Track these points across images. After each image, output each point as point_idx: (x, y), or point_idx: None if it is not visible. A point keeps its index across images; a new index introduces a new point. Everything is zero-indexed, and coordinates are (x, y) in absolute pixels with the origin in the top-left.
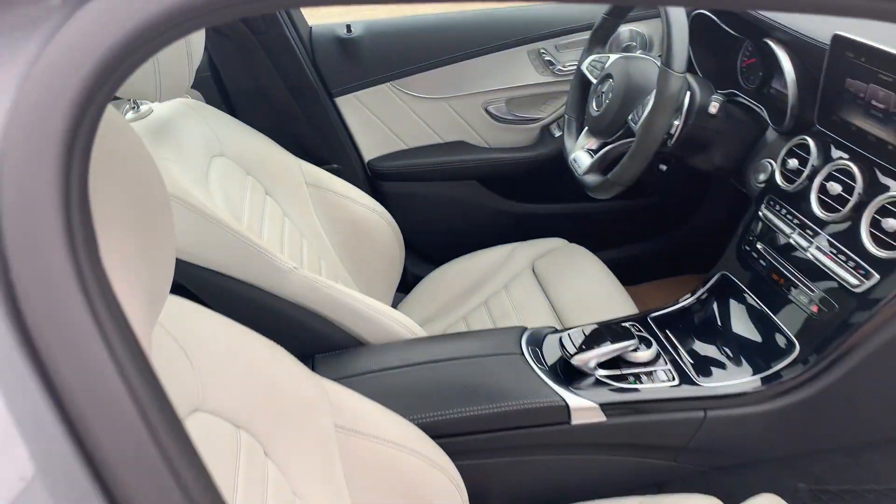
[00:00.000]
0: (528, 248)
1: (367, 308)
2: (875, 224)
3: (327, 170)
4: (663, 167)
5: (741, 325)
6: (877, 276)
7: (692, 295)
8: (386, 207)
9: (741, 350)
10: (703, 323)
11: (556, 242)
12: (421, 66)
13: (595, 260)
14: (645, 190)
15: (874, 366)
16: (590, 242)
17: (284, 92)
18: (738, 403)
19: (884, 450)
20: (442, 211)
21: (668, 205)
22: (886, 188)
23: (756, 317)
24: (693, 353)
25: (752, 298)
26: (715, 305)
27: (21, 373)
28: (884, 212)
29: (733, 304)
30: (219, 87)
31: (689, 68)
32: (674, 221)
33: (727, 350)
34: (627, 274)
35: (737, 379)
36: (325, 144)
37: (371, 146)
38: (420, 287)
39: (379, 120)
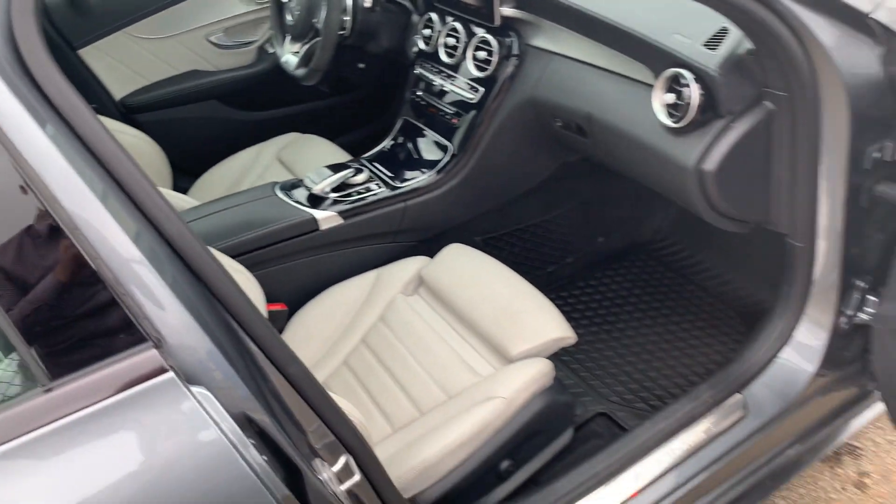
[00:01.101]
0: (272, 145)
1: None
2: (474, 57)
3: None
4: (361, 65)
5: (422, 146)
6: (483, 90)
7: (388, 138)
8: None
9: (423, 161)
10: (398, 153)
11: (293, 136)
12: (145, 13)
13: (326, 142)
14: (353, 86)
15: (492, 149)
16: (320, 133)
17: None
18: (424, 192)
19: (516, 203)
20: (193, 130)
21: (372, 95)
22: (475, 34)
23: (429, 139)
24: (393, 170)
25: (425, 129)
26: (404, 140)
27: (31, 100)
28: (477, 48)
29: (415, 135)
30: None
31: None
32: (379, 108)
33: (414, 163)
34: (353, 153)
35: (421, 177)
36: (79, 91)
37: (119, 86)
38: (189, 195)
39: (120, 63)
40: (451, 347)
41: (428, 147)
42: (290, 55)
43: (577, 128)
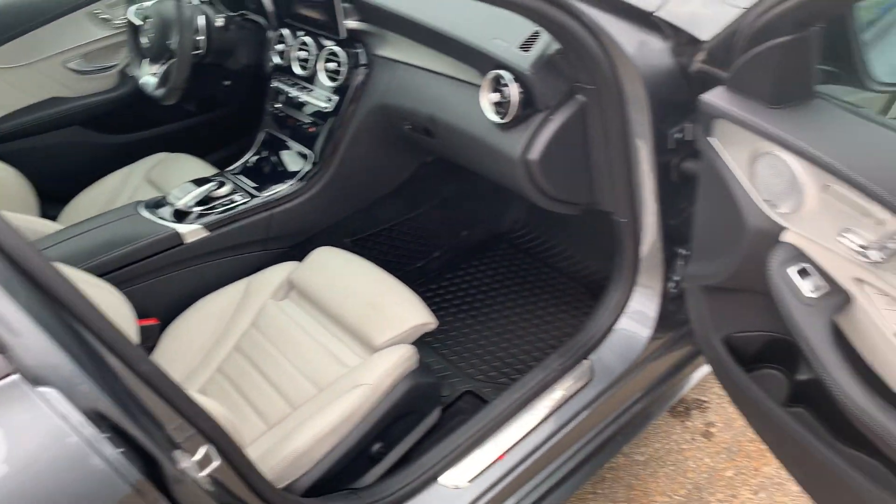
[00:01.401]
0: (141, 166)
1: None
2: (326, 69)
3: None
4: (227, 83)
5: (285, 156)
6: (337, 98)
7: (251, 151)
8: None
9: (286, 171)
10: (262, 165)
11: (162, 156)
12: None
13: (196, 159)
14: (220, 103)
15: (351, 155)
16: (191, 151)
17: None
18: (288, 200)
19: (381, 204)
20: (57, 157)
21: (240, 111)
22: (325, 46)
23: (291, 149)
24: (258, 181)
25: (287, 140)
26: (268, 153)
27: None
28: (328, 60)
29: (277, 147)
30: None
31: None
32: (248, 123)
33: (278, 174)
34: (225, 168)
35: (284, 186)
36: None
37: None
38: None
39: None
40: (320, 344)
41: (290, 157)
42: (148, 77)
43: (424, 130)
